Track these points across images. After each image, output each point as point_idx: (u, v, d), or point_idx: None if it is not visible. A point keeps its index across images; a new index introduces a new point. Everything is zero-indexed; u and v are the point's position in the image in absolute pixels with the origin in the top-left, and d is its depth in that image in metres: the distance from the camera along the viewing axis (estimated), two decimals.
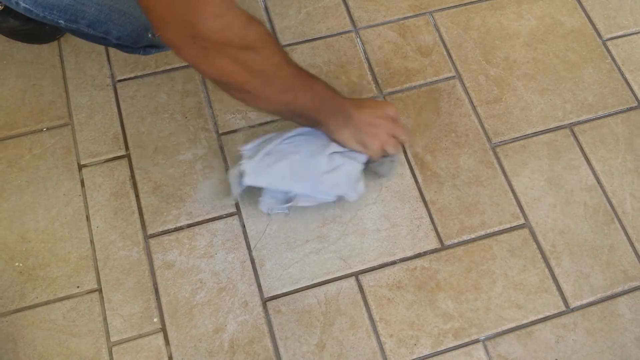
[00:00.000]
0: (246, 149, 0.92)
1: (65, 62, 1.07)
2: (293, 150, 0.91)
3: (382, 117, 0.93)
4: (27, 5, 0.83)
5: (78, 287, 0.91)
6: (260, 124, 1.03)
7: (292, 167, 0.90)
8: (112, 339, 0.88)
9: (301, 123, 0.90)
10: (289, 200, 0.94)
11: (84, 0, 0.82)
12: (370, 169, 0.98)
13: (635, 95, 1.11)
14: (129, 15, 0.87)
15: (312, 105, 0.83)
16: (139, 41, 0.93)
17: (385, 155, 0.95)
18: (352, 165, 0.93)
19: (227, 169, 1.00)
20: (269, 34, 0.71)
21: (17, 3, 0.83)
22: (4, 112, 1.02)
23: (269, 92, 0.76)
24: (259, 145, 0.93)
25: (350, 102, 0.91)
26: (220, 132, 1.03)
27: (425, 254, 0.97)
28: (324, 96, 0.84)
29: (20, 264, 0.92)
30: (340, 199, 0.96)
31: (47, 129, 1.01)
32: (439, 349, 0.91)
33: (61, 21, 0.84)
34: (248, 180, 0.90)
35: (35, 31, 1.04)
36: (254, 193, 0.97)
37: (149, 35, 0.91)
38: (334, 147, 0.91)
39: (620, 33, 1.17)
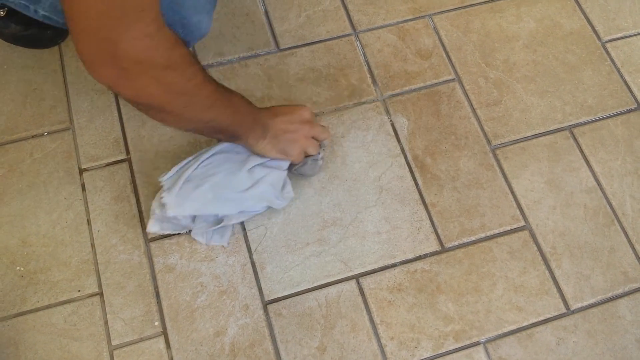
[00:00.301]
0: (164, 179, 0.91)
1: (66, 67, 1.07)
2: (212, 171, 0.90)
3: (298, 121, 0.92)
4: (45, 13, 0.83)
5: (79, 290, 0.91)
6: None
7: (213, 189, 0.89)
8: (113, 343, 0.89)
9: (221, 139, 0.91)
10: (220, 221, 0.92)
11: None
12: (294, 172, 0.97)
13: (634, 97, 1.11)
14: None
15: (232, 121, 0.82)
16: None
17: (307, 156, 0.96)
18: (275, 174, 0.92)
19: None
20: (191, 55, 0.70)
21: (35, 11, 0.83)
22: (5, 116, 1.02)
23: (190, 112, 0.75)
24: (177, 172, 0.91)
25: (266, 112, 0.90)
26: None
27: (425, 256, 0.97)
28: (242, 110, 0.84)
29: (22, 268, 0.92)
30: (268, 208, 0.96)
31: (48, 133, 1.02)
32: (439, 352, 0.91)
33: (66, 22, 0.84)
34: (171, 212, 0.88)
35: (36, 36, 1.05)
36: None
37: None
38: (253, 160, 0.91)
39: (619, 35, 1.17)
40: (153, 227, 0.91)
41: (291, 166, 0.96)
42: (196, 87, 0.72)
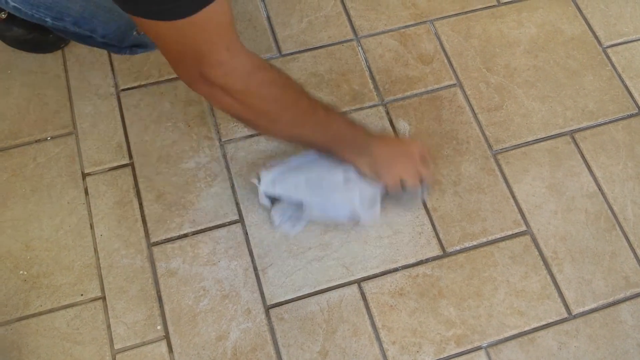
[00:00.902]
0: (265, 167, 0.95)
1: (70, 72, 1.07)
2: (311, 167, 0.93)
3: (406, 154, 0.93)
4: (15, 4, 0.84)
5: (82, 295, 0.92)
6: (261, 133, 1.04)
7: (307, 178, 0.92)
8: (116, 347, 0.89)
9: (317, 150, 0.92)
10: (299, 216, 0.95)
11: None
12: (390, 198, 0.97)
13: (635, 102, 1.12)
14: (114, 11, 0.88)
15: (324, 139, 0.86)
16: (125, 39, 0.94)
17: (403, 188, 0.94)
18: (367, 187, 0.92)
19: (230, 177, 1.00)
20: (277, 77, 0.76)
21: (6, 2, 0.84)
22: (8, 121, 1.03)
23: (276, 129, 0.82)
24: (278, 165, 0.94)
25: (374, 138, 0.91)
26: (223, 140, 1.04)
27: (427, 261, 0.97)
28: (339, 130, 0.86)
29: (25, 272, 0.93)
30: (353, 221, 0.96)
31: (52, 137, 1.02)
32: (441, 356, 0.91)
33: (48, 19, 0.86)
34: (263, 187, 0.92)
35: (38, 40, 1.05)
36: (254, 200, 0.97)
37: (135, 33, 0.93)
38: (349, 169, 0.92)
39: (620, 40, 1.18)
40: (262, 200, 0.95)
41: (388, 192, 0.95)
42: (280, 108, 0.77)
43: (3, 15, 0.99)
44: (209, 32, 0.64)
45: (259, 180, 0.93)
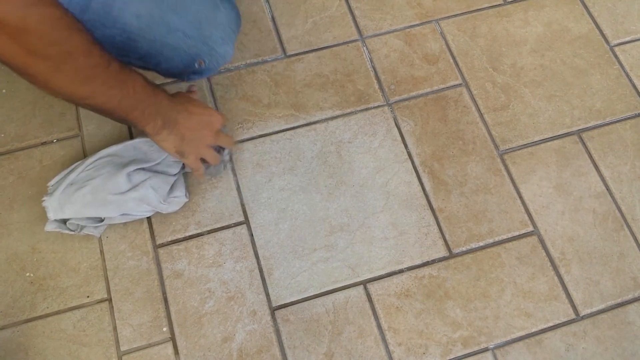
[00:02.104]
0: (51, 184, 0.93)
1: None
2: (94, 174, 0.91)
3: (207, 127, 0.90)
4: None
5: (88, 296, 0.92)
6: (268, 134, 1.04)
7: (93, 192, 0.89)
8: (122, 349, 0.89)
9: (122, 122, 0.85)
10: (99, 221, 0.93)
11: (136, 37, 0.81)
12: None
13: None
14: (179, 49, 0.86)
15: (119, 104, 0.74)
16: (186, 70, 0.92)
17: (206, 166, 0.95)
18: (158, 178, 0.92)
19: (235, 178, 1.00)
20: (63, 16, 0.64)
21: None
22: (14, 123, 1.03)
23: (58, 82, 0.68)
24: (63, 177, 0.93)
25: (177, 106, 0.85)
26: None
27: (433, 262, 0.96)
28: (138, 96, 0.76)
29: (31, 274, 0.93)
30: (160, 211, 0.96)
31: (57, 140, 1.02)
32: (448, 358, 0.90)
33: (112, 54, 0.79)
34: (52, 215, 0.89)
35: None
36: (259, 201, 0.97)
37: (196, 65, 0.91)
38: (135, 164, 0.91)
39: (628, 38, 1.17)
40: (49, 226, 0.92)
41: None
42: (65, 54, 0.65)
43: None
44: None
45: (46, 209, 0.90)
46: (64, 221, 0.92)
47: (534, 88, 1.10)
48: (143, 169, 0.92)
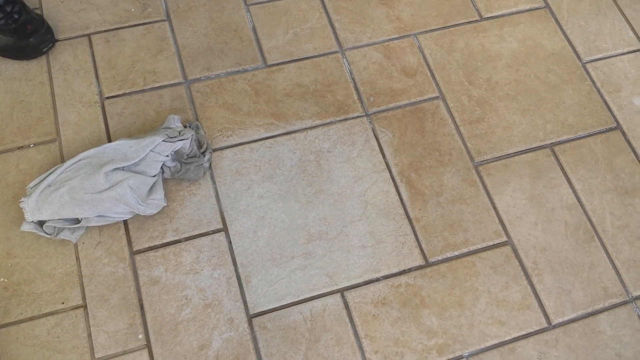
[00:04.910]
0: (30, 186, 0.93)
1: (54, 79, 1.07)
2: (72, 175, 0.92)
3: None
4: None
5: (63, 303, 0.91)
6: (248, 142, 1.05)
7: (70, 192, 0.90)
8: (97, 355, 0.88)
9: None
10: (75, 223, 0.93)
11: None
12: (178, 177, 0.99)
13: (614, 116, 1.14)
14: None
15: None
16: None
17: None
18: (137, 178, 0.93)
19: (214, 186, 1.01)
20: None
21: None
22: None
23: None
24: (42, 179, 0.93)
25: None
26: None
27: (409, 270, 0.98)
28: None
29: (5, 280, 0.92)
30: (136, 214, 0.96)
31: (35, 144, 1.01)
32: None
33: None
34: (30, 217, 0.90)
35: (20, 45, 1.05)
36: (238, 208, 0.98)
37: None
38: (113, 164, 0.92)
39: (599, 56, 1.21)
40: (25, 227, 0.92)
41: (175, 172, 0.97)
42: None
43: None
44: None
45: (23, 211, 0.90)
46: (41, 224, 0.91)
47: (508, 102, 1.13)
48: (122, 169, 0.92)
